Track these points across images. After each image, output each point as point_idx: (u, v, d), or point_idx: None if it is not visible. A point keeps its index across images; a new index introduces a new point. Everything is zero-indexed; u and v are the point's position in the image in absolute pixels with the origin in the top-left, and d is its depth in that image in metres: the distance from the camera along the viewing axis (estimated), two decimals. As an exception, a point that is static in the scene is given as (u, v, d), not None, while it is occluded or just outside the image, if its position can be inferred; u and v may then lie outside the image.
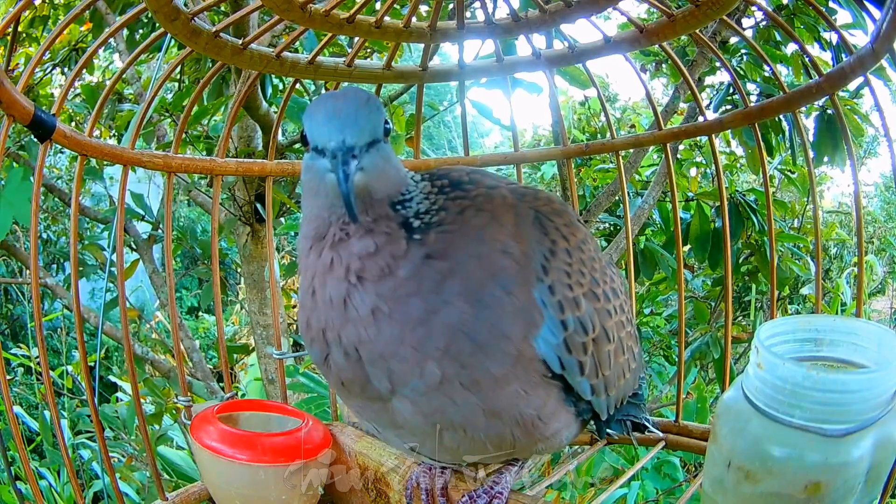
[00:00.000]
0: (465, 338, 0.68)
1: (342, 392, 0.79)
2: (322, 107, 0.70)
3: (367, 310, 0.69)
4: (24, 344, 3.71)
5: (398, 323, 0.69)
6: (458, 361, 0.69)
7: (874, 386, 0.63)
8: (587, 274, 0.79)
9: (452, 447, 0.77)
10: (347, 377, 0.74)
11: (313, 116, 0.70)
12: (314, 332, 0.75)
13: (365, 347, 0.71)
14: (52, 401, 1.00)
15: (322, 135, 0.68)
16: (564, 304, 0.74)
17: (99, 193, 4.34)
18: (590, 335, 0.77)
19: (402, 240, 0.70)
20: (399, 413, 0.74)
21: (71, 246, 1.05)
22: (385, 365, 0.71)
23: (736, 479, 0.68)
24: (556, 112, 1.42)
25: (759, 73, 2.26)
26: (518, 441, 0.76)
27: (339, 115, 0.68)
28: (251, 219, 2.52)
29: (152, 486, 2.37)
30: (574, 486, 2.09)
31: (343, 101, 0.70)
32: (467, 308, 0.69)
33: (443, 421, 0.73)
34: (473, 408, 0.71)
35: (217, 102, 2.27)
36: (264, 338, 2.59)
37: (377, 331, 0.69)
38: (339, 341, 0.72)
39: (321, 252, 0.72)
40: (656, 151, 2.94)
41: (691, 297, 2.89)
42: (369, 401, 0.76)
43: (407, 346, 0.69)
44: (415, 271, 0.69)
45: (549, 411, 0.76)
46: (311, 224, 0.74)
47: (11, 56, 2.20)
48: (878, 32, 0.88)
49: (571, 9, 1.02)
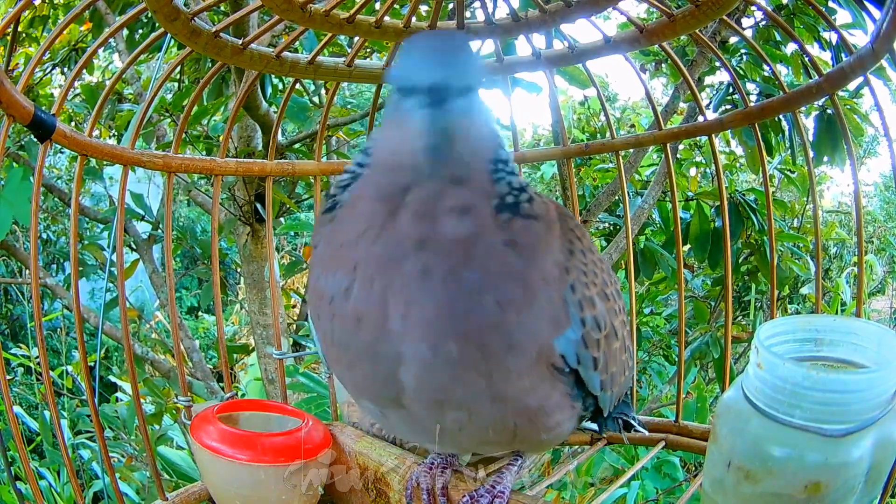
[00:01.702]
0: (499, 336, 0.68)
1: (345, 352, 0.74)
2: (417, 46, 0.65)
3: (417, 268, 0.65)
4: (24, 344, 3.71)
5: (443, 292, 0.65)
6: (482, 352, 0.68)
7: (874, 386, 0.63)
8: (599, 274, 0.81)
9: (454, 430, 0.76)
10: (365, 314, 0.69)
11: (407, 55, 0.65)
12: (345, 270, 0.69)
13: (400, 301, 0.67)
14: (52, 401, 1.00)
15: (416, 73, 0.61)
16: (583, 303, 0.75)
17: (99, 193, 4.34)
18: (602, 332, 0.78)
19: (492, 211, 0.67)
20: (405, 387, 0.72)
21: (71, 246, 1.05)
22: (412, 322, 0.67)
23: (736, 479, 0.68)
24: (556, 112, 1.42)
25: (759, 73, 2.26)
26: (519, 429, 0.76)
27: (435, 55, 0.62)
28: (251, 219, 2.52)
29: (152, 486, 2.36)
30: (574, 486, 2.10)
31: (440, 40, 0.66)
32: (513, 308, 0.68)
33: (448, 399, 0.72)
34: (480, 392, 0.71)
35: (217, 102, 2.27)
36: (264, 338, 2.59)
37: (422, 291, 0.66)
38: (371, 282, 0.68)
39: (393, 210, 0.66)
40: (656, 151, 2.94)
41: (691, 297, 2.89)
42: (374, 365, 0.72)
43: (441, 317, 0.66)
44: (488, 251, 0.66)
45: (554, 404, 0.77)
46: (383, 177, 0.67)
47: (11, 56, 2.20)
48: (878, 32, 0.88)
49: (571, 9, 1.02)
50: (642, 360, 3.31)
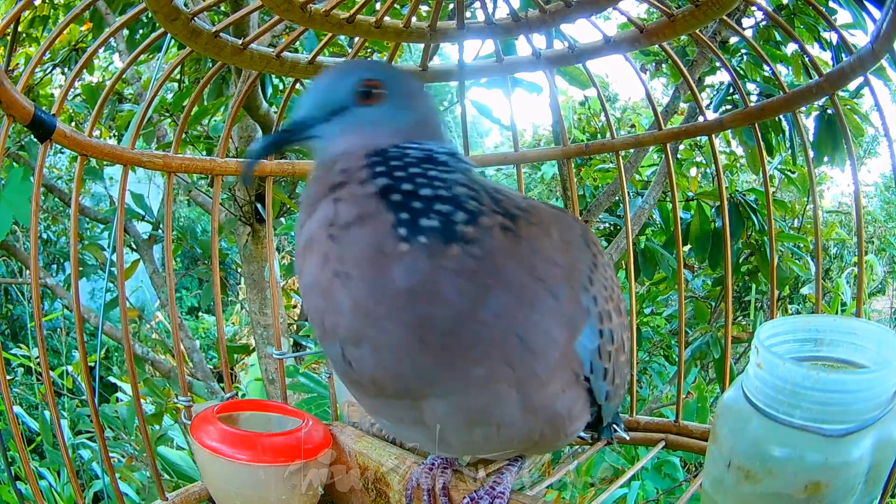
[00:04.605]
0: (517, 342, 0.67)
1: (364, 392, 0.74)
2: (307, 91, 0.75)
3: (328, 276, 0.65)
4: (24, 344, 3.71)
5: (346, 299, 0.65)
6: (509, 364, 0.67)
7: (874, 386, 0.63)
8: (615, 289, 0.83)
9: (480, 443, 0.76)
10: (383, 377, 0.69)
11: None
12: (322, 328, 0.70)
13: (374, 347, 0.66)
14: (52, 401, 1.00)
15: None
16: (603, 315, 0.77)
17: (99, 193, 4.34)
18: (614, 345, 0.80)
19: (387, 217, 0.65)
20: (431, 411, 0.72)
21: (71, 246, 1.05)
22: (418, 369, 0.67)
23: (736, 479, 0.68)
24: (556, 112, 1.42)
25: (759, 73, 2.27)
26: (544, 437, 0.77)
27: (301, 97, 0.73)
28: (251, 219, 2.52)
29: (152, 486, 2.36)
30: (574, 486, 2.09)
31: (313, 82, 0.74)
32: (520, 316, 0.67)
33: (481, 419, 0.72)
34: (514, 406, 0.70)
35: (217, 102, 2.27)
36: (264, 338, 2.60)
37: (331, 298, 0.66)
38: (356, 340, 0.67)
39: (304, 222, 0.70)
40: (656, 151, 2.94)
41: (691, 297, 2.89)
42: (396, 399, 0.72)
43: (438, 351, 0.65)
44: (428, 277, 0.63)
45: (578, 410, 0.78)
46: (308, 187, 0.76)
47: (11, 56, 2.21)
48: (878, 32, 0.88)
49: (571, 9, 1.02)
50: (642, 361, 3.31)
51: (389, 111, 0.72)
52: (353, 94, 0.71)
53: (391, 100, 0.72)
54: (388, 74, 0.74)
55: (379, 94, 0.72)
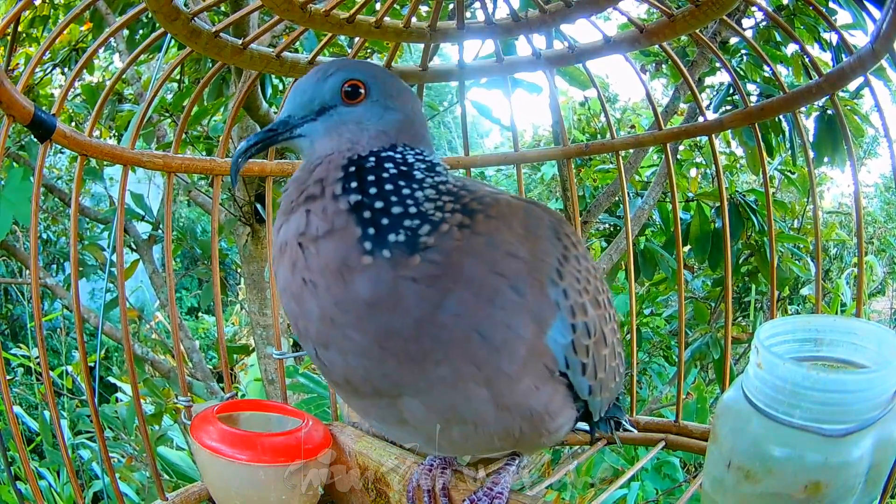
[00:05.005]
0: (479, 339, 0.68)
1: (343, 391, 0.77)
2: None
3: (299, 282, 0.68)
4: (24, 344, 3.71)
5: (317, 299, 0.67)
6: (473, 363, 0.68)
7: (874, 386, 0.63)
8: (592, 281, 0.81)
9: (460, 441, 0.76)
10: (353, 378, 0.72)
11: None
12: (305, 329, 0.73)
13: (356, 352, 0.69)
14: (52, 401, 1.00)
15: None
16: (575, 308, 0.75)
17: (99, 193, 4.34)
18: (592, 339, 0.79)
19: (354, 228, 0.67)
20: (408, 410, 0.73)
21: (71, 246, 1.05)
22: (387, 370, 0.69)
23: (736, 479, 0.68)
24: (556, 112, 1.42)
25: (759, 73, 2.27)
26: (524, 435, 0.76)
27: (287, 96, 0.76)
28: (251, 219, 2.52)
29: (152, 486, 2.36)
30: (574, 487, 2.09)
31: (300, 81, 0.76)
32: (480, 313, 0.68)
33: (454, 416, 0.73)
34: (485, 403, 0.71)
35: (217, 102, 2.27)
36: (264, 338, 2.60)
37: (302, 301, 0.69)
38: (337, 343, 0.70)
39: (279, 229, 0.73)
40: (656, 152, 2.94)
41: (691, 298, 2.89)
42: (375, 398, 0.74)
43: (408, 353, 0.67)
44: (393, 287, 0.66)
45: (557, 406, 0.77)
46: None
47: (11, 56, 2.21)
48: (878, 32, 0.88)
49: (571, 9, 1.02)
50: (642, 361, 3.31)
51: (375, 111, 0.74)
52: (339, 93, 0.73)
53: (377, 100, 0.74)
54: (374, 74, 0.75)
55: (365, 94, 0.73)
